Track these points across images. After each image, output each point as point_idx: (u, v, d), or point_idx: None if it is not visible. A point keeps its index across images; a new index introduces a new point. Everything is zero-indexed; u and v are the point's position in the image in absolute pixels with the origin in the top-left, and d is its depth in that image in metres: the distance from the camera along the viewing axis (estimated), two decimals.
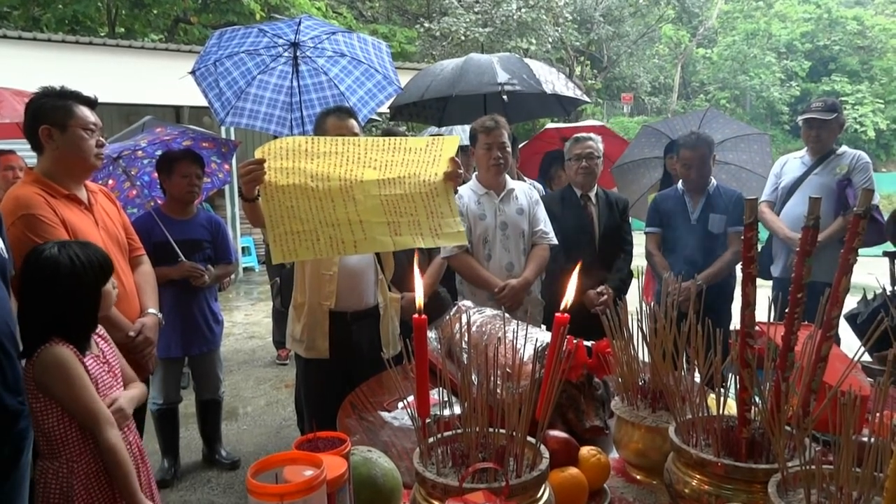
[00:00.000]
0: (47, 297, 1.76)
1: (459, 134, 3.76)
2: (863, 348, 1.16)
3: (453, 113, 4.96)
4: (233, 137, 8.36)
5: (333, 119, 2.61)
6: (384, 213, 2.04)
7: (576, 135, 3.50)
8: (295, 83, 4.12)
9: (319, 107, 4.15)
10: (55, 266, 1.75)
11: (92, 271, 1.80)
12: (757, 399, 1.14)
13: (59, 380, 1.70)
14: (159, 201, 3.64)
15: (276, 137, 2.36)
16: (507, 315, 1.82)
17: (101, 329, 1.96)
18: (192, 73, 3.97)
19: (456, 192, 2.20)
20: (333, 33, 4.18)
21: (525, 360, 1.54)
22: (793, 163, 3.95)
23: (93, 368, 1.80)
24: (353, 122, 2.63)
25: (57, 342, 1.74)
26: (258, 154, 1.95)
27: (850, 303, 2.80)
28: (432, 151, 2.09)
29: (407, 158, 2.08)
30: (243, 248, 10.66)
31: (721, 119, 5.16)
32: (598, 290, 3.24)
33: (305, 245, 1.96)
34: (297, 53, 4.09)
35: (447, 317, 2.27)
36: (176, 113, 10.33)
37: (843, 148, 3.85)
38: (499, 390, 1.13)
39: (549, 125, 6.07)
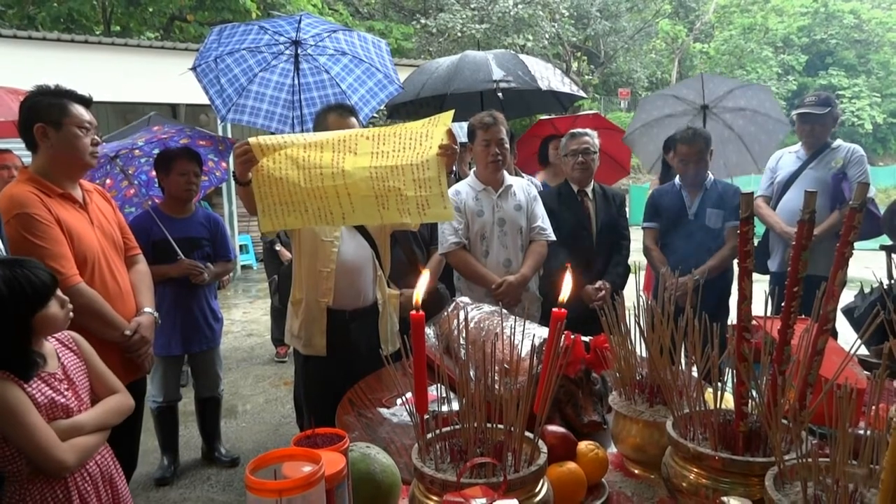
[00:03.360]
0: None
1: (457, 131, 3.76)
2: (859, 341, 1.17)
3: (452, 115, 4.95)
4: (230, 135, 8.35)
5: (334, 116, 2.60)
6: (372, 186, 2.01)
7: (571, 130, 3.49)
8: (296, 81, 4.11)
9: (321, 105, 4.14)
10: None
11: (13, 301, 1.59)
12: (754, 393, 1.15)
13: None
14: (157, 200, 3.64)
15: None
16: (504, 311, 1.82)
17: (68, 339, 1.82)
18: (193, 69, 3.96)
19: (450, 172, 2.16)
20: (334, 31, 4.18)
21: (523, 355, 1.54)
22: (788, 157, 3.96)
23: (43, 392, 1.65)
24: (353, 120, 2.62)
25: None
26: (252, 142, 1.98)
27: (848, 296, 2.82)
28: (428, 126, 2.09)
29: (403, 133, 2.08)
30: (241, 246, 10.65)
31: (717, 78, 5.27)
32: (596, 285, 3.24)
33: (294, 215, 1.98)
34: (299, 51, 4.08)
35: (445, 313, 2.28)
36: (173, 111, 10.31)
37: (838, 142, 3.86)
38: (497, 386, 1.13)
39: (542, 117, 6.05)
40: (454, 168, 3.44)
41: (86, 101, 2.25)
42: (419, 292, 1.09)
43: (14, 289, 1.60)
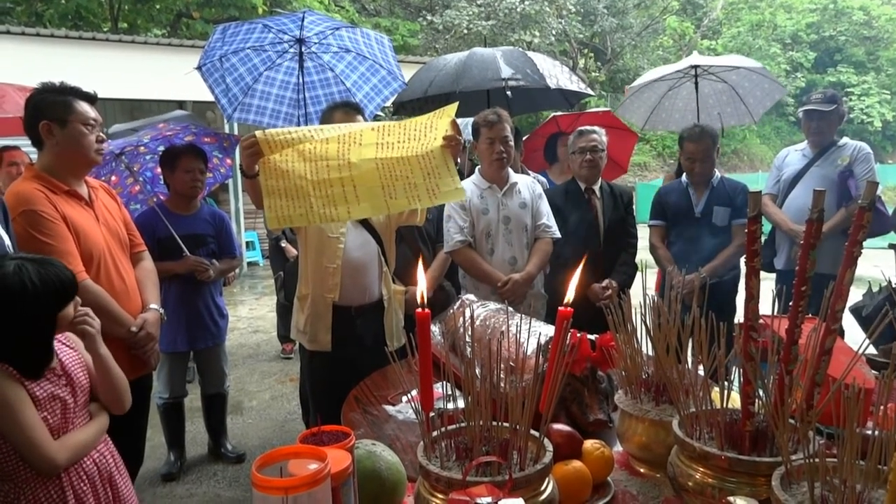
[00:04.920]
0: None
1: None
2: (867, 341, 1.16)
3: (457, 110, 4.93)
4: (236, 133, 8.35)
5: (341, 114, 2.63)
6: (379, 176, 2.01)
7: (579, 128, 3.48)
8: (301, 79, 4.12)
9: (326, 103, 4.15)
10: (3, 290, 1.57)
11: (46, 298, 1.62)
12: (760, 392, 1.14)
13: None
14: (162, 196, 3.65)
15: None
16: (510, 309, 1.82)
17: (64, 336, 1.80)
18: (199, 68, 3.97)
19: (456, 161, 2.16)
20: (337, 28, 4.18)
21: (528, 353, 1.54)
22: (794, 155, 3.94)
23: (42, 387, 1.64)
24: (360, 118, 2.65)
25: None
26: (259, 137, 1.99)
27: (856, 295, 2.80)
28: (432, 118, 2.10)
29: (407, 126, 2.09)
30: (247, 243, 10.68)
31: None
32: (603, 284, 3.23)
33: (299, 212, 1.98)
34: (303, 49, 4.09)
35: (451, 311, 2.28)
36: (179, 107, 10.34)
37: (844, 139, 3.85)
38: (502, 384, 1.13)
39: (551, 114, 6.06)
40: (458, 160, 3.42)
41: (91, 98, 2.25)
42: (422, 290, 1.08)
43: (48, 286, 1.62)
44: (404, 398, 1.89)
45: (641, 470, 1.43)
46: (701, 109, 5.13)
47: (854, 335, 2.61)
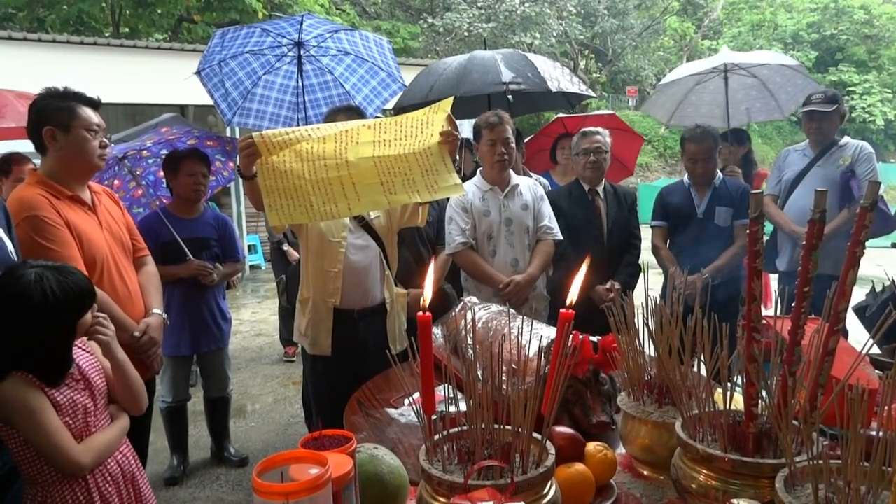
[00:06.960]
0: (11, 332, 1.60)
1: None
2: (871, 341, 1.15)
3: (457, 111, 4.92)
4: (237, 136, 8.36)
5: (343, 118, 2.63)
6: (377, 173, 2.02)
7: (583, 129, 3.47)
8: (300, 83, 4.12)
9: (325, 106, 4.15)
10: (25, 300, 1.59)
11: (66, 307, 1.64)
12: (764, 394, 1.14)
13: (16, 417, 1.58)
14: (165, 200, 3.65)
15: None
16: (512, 311, 1.82)
17: (80, 341, 1.81)
18: (198, 73, 3.98)
19: (454, 159, 2.17)
20: (336, 31, 4.18)
21: (531, 355, 1.54)
22: (794, 155, 3.93)
23: (63, 393, 1.66)
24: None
25: (18, 375, 1.60)
26: (256, 139, 2.01)
27: (859, 295, 2.80)
28: (427, 113, 2.10)
29: (404, 122, 2.10)
30: (249, 247, 10.68)
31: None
32: (607, 286, 3.23)
33: (300, 209, 1.99)
34: (301, 53, 4.09)
35: (453, 313, 2.27)
36: (181, 112, 10.35)
37: (846, 139, 3.83)
38: (504, 386, 1.13)
39: (556, 116, 6.04)
40: (456, 157, 3.41)
41: (94, 104, 2.25)
42: (427, 294, 1.08)
43: (68, 294, 1.64)
44: (406, 401, 1.89)
45: (644, 472, 1.43)
46: (730, 104, 5.05)
47: (858, 335, 2.60)
